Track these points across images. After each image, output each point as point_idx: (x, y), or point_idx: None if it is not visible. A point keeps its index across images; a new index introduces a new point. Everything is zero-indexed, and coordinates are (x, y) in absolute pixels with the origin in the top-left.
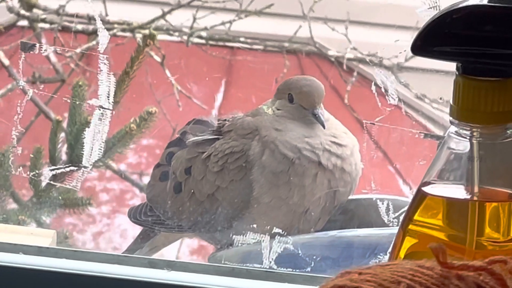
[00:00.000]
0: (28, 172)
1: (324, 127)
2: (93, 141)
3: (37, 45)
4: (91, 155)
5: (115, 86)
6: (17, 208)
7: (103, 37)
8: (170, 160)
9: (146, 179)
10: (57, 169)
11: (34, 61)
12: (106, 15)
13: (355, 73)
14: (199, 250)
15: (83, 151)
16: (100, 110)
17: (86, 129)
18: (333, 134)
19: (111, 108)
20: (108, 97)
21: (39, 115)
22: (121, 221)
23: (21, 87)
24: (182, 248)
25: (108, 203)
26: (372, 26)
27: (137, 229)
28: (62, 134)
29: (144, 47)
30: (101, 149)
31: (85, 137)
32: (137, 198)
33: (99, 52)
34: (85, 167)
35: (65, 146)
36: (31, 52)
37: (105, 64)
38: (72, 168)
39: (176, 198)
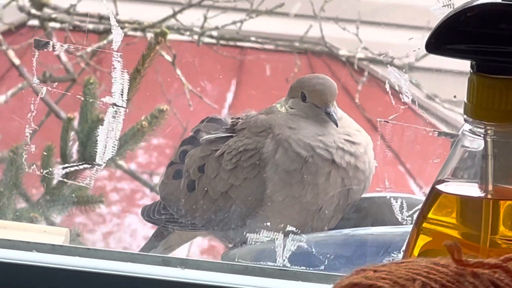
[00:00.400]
0: (41, 170)
1: (337, 125)
2: (107, 139)
3: (51, 42)
4: (104, 152)
5: (128, 85)
6: (29, 206)
7: (117, 34)
8: (183, 158)
9: (156, 179)
10: (70, 166)
11: (45, 60)
12: (117, 14)
13: (366, 73)
14: (209, 249)
15: (95, 149)
16: (113, 107)
17: (99, 127)
18: (347, 132)
19: (125, 105)
20: (122, 94)
21: (50, 114)
22: (131, 220)
23: (34, 84)
24: (192, 248)
25: (119, 202)
26: (383, 26)
27: (147, 229)
28: (73, 133)
29: (156, 45)
30: (114, 147)
31: (97, 135)
32: (148, 198)
33: (112, 49)
34: (98, 164)
35: (76, 144)
36: (44, 49)
37: (119, 61)
38: (85, 165)
39: (190, 196)
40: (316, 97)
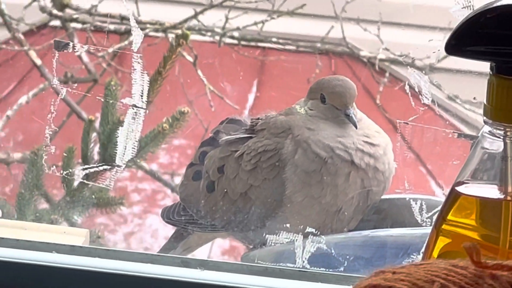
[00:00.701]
0: (61, 171)
1: (356, 127)
2: (127, 140)
3: (71, 44)
4: (124, 153)
5: (148, 86)
6: (50, 207)
7: (137, 36)
8: (203, 159)
9: (177, 180)
10: (91, 167)
11: (66, 61)
12: (138, 15)
13: (386, 74)
14: (230, 250)
15: (115, 150)
16: (133, 109)
17: (120, 128)
18: (366, 134)
19: (144, 107)
20: (141, 96)
21: (71, 115)
22: (152, 221)
23: (55, 85)
24: (214, 248)
25: (140, 203)
26: (404, 27)
27: (168, 230)
28: (94, 134)
29: (177, 47)
30: (134, 148)
31: (118, 136)
32: (169, 199)
33: (132, 51)
34: (118, 166)
35: (97, 145)
36: (64, 50)
37: (139, 63)
38: (105, 167)
39: (209, 197)
40: (335, 99)
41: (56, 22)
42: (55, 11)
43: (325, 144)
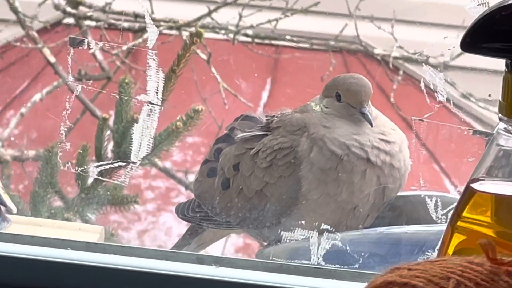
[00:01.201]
0: (76, 168)
1: (371, 125)
2: (142, 137)
3: (85, 41)
4: (139, 151)
5: (162, 83)
6: (64, 204)
7: (152, 32)
8: (218, 156)
9: (191, 177)
10: (105, 165)
11: (80, 59)
12: (152, 12)
13: (401, 72)
14: (244, 247)
15: (129, 148)
16: (148, 106)
17: (134, 125)
18: (382, 131)
19: (159, 104)
20: (156, 93)
21: (85, 112)
22: (166, 219)
23: (69, 82)
24: (227, 245)
25: (153, 201)
26: (418, 25)
27: (182, 227)
28: (108, 132)
29: (191, 45)
30: (149, 145)
31: (133, 133)
32: (182, 196)
33: (147, 48)
34: (133, 162)
35: (111, 143)
36: (79, 47)
37: (154, 60)
38: (120, 163)
39: (224, 194)
40: (351, 97)
41: (70, 20)
42: (69, 9)
43: (341, 141)
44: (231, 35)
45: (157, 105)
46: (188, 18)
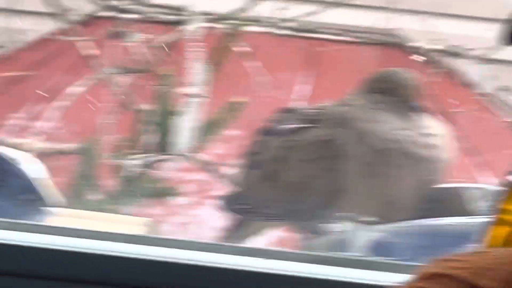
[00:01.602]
0: (116, 161)
1: (415, 119)
2: (183, 129)
3: (125, 33)
4: (180, 143)
5: (204, 76)
6: (105, 196)
7: (194, 26)
8: (261, 149)
9: (231, 170)
10: (146, 157)
11: (120, 51)
12: (193, 5)
13: (440, 65)
14: (287, 239)
15: (170, 140)
16: (191, 98)
17: (175, 117)
18: (423, 125)
19: (202, 96)
20: (199, 86)
21: (124, 105)
22: (205, 211)
23: (110, 74)
24: (269, 238)
25: (193, 193)
26: (459, 18)
27: (222, 220)
28: (149, 124)
29: (233, 37)
30: (190, 138)
31: (173, 126)
32: (222, 189)
33: (190, 41)
34: (175, 155)
35: (151, 135)
36: (120, 40)
37: (196, 53)
38: (161, 156)
39: (268, 187)
40: (395, 91)
41: (111, 13)
42: (110, 2)
43: (385, 135)
44: (273, 29)
45: (199, 97)
46: (229, 10)
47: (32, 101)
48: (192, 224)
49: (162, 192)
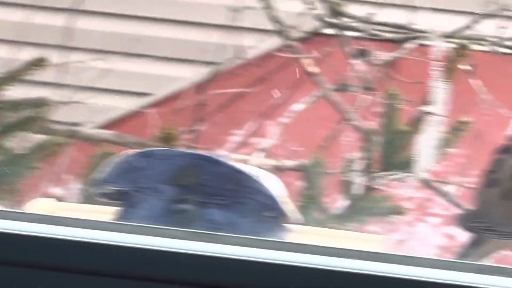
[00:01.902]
0: (342, 179)
1: None
2: (423, 149)
3: (368, 52)
4: (421, 162)
5: (440, 95)
6: (331, 214)
7: (436, 44)
8: (498, 167)
9: (448, 188)
10: (378, 176)
11: (341, 69)
12: (414, 23)
13: None
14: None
15: (395, 159)
16: (432, 117)
17: (403, 136)
18: None
19: (441, 115)
20: (439, 104)
21: (347, 122)
22: (422, 229)
23: (330, 92)
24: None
25: (411, 211)
26: None
27: (438, 237)
28: (373, 142)
29: (458, 57)
30: (431, 157)
31: (399, 144)
32: (440, 207)
33: (428, 59)
34: (405, 174)
35: (375, 153)
36: (363, 59)
37: (437, 71)
38: (389, 175)
39: (506, 205)
40: None
41: (330, 30)
42: (329, 19)
43: None
44: (493, 47)
45: (436, 116)
46: (449, 29)
47: (253, 118)
48: (408, 242)
49: (387, 211)
